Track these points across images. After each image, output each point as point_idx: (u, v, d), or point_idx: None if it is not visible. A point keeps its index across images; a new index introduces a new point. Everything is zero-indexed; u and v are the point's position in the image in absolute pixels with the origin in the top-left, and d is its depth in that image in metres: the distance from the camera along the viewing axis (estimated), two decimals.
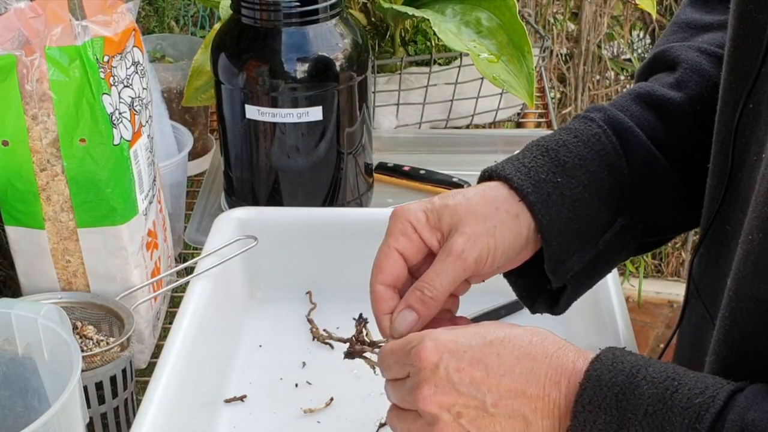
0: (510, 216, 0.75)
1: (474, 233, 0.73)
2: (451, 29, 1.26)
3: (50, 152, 0.91)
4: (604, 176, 0.77)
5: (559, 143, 0.78)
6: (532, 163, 0.77)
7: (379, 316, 0.75)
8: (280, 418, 0.94)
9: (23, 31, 0.89)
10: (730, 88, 0.71)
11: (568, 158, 0.77)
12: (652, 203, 0.80)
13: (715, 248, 0.75)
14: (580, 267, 0.78)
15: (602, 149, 0.78)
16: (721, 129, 0.73)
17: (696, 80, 0.81)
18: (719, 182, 0.73)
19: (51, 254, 0.96)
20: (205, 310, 0.96)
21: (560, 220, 0.75)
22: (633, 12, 2.63)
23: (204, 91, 1.29)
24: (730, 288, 0.65)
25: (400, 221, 0.76)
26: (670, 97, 0.81)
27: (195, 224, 1.23)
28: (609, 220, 0.78)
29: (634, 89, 0.83)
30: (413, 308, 0.74)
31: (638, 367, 0.63)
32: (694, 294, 0.80)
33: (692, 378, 0.62)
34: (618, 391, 0.62)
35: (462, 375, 0.65)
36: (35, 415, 0.78)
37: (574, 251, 0.77)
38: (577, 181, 0.76)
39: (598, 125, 0.79)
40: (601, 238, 0.78)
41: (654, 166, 0.79)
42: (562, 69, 2.59)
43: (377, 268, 0.76)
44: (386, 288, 0.75)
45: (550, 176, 0.76)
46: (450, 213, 0.75)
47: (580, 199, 0.76)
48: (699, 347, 0.77)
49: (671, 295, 2.59)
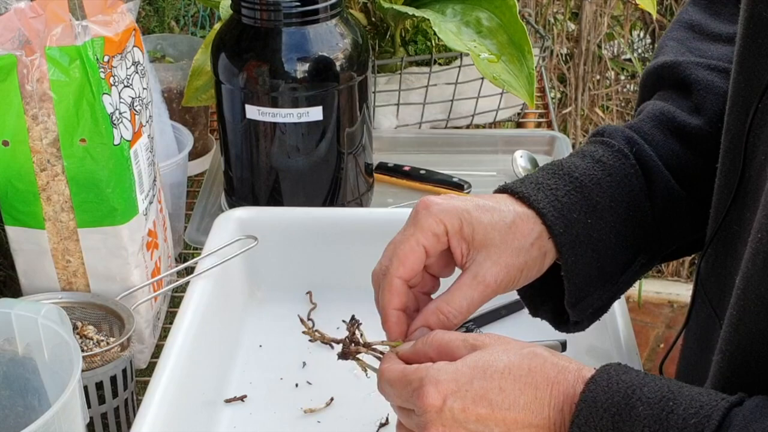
0: (540, 254, 0.75)
1: (508, 266, 0.73)
2: (451, 29, 1.26)
3: (50, 152, 0.91)
4: (629, 217, 0.77)
5: (593, 180, 0.77)
6: (566, 198, 0.76)
7: (387, 309, 0.74)
8: (280, 418, 0.94)
9: (23, 31, 0.89)
10: (740, 89, 0.70)
11: (600, 199, 0.77)
12: (672, 239, 0.80)
13: (722, 248, 0.75)
14: (600, 305, 0.79)
15: (631, 191, 0.78)
16: (729, 129, 0.72)
17: (711, 99, 0.81)
18: (728, 183, 0.72)
19: (51, 254, 0.96)
20: (206, 310, 0.96)
21: (584, 261, 0.76)
22: (633, 12, 2.63)
23: (204, 91, 1.29)
24: (738, 287, 0.65)
25: (435, 220, 0.74)
26: (691, 124, 0.81)
27: (195, 224, 1.23)
28: (630, 259, 0.79)
29: (655, 112, 0.82)
30: (431, 329, 0.73)
31: (633, 387, 0.63)
32: (701, 294, 0.80)
33: (687, 396, 0.62)
34: (614, 412, 0.62)
35: (468, 414, 0.65)
36: (35, 415, 0.78)
37: (595, 290, 0.77)
38: (605, 222, 0.76)
39: (631, 164, 0.78)
40: (621, 277, 0.79)
41: (675, 203, 0.79)
42: (562, 69, 2.59)
43: (399, 260, 0.74)
44: (403, 282, 0.74)
45: (582, 216, 0.76)
46: (484, 232, 0.74)
47: (605, 240, 0.76)
48: (706, 347, 0.77)
49: (671, 295, 2.59)
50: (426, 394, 0.66)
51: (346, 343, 0.77)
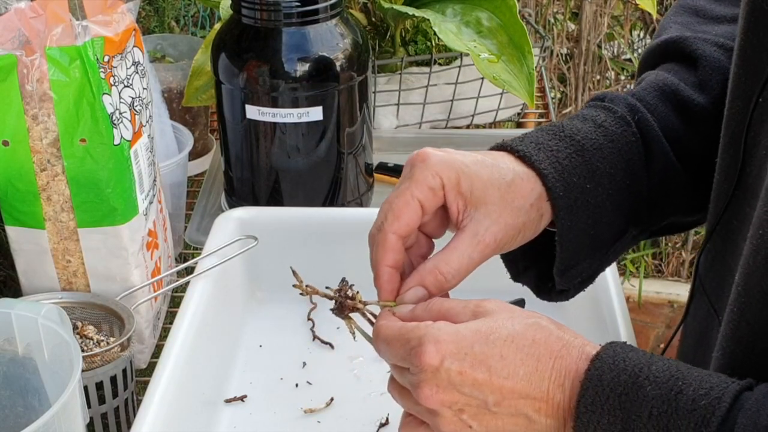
0: (537, 216, 0.73)
1: (507, 226, 0.71)
2: (451, 29, 1.26)
3: (50, 152, 0.91)
4: (626, 187, 0.76)
5: (594, 145, 0.75)
6: (567, 161, 0.74)
7: (380, 266, 0.71)
8: (280, 418, 0.94)
9: (23, 31, 0.89)
10: (741, 83, 0.70)
11: (600, 164, 0.75)
12: (663, 212, 0.79)
13: (721, 244, 0.74)
14: (588, 274, 0.77)
15: (631, 159, 0.76)
16: (729, 124, 0.72)
17: (718, 80, 0.79)
18: (727, 177, 0.72)
19: (51, 254, 0.96)
20: (206, 310, 0.96)
21: (578, 227, 0.74)
22: (633, 12, 2.63)
23: (204, 91, 1.29)
24: (738, 283, 0.64)
25: (431, 173, 0.71)
26: (695, 100, 0.79)
27: (195, 224, 1.23)
28: (622, 229, 0.77)
29: (659, 83, 0.80)
30: (428, 289, 0.70)
31: (641, 365, 0.62)
32: (700, 290, 0.79)
33: (696, 377, 0.61)
34: (621, 391, 0.61)
35: (464, 377, 0.63)
36: (35, 415, 0.78)
37: (585, 258, 0.76)
38: (603, 189, 0.75)
39: (633, 132, 0.77)
40: (612, 246, 0.77)
41: (671, 177, 0.78)
42: (562, 69, 2.59)
43: (394, 215, 0.70)
44: (398, 238, 0.71)
45: (581, 181, 0.74)
46: (483, 188, 0.71)
47: (602, 208, 0.75)
48: (704, 343, 0.77)
49: (671, 295, 2.59)
50: (424, 353, 0.63)
51: (340, 298, 0.73)
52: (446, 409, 0.64)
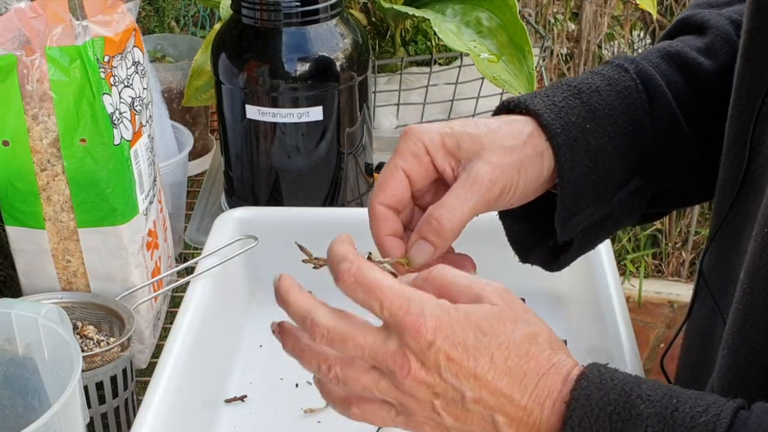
0: (536, 153, 0.71)
1: (502, 164, 0.69)
2: (451, 29, 1.26)
3: (51, 152, 0.91)
4: (628, 131, 0.74)
5: (591, 87, 0.75)
6: (563, 103, 0.73)
7: (379, 237, 0.70)
8: (280, 418, 0.94)
9: (23, 31, 0.89)
10: (746, 81, 0.70)
11: (599, 105, 0.74)
12: (668, 168, 0.77)
13: (725, 242, 0.74)
14: (590, 223, 0.75)
15: (632, 103, 0.75)
16: (734, 122, 0.71)
17: (725, 50, 0.78)
18: (732, 176, 0.71)
19: (51, 254, 0.96)
20: (206, 310, 0.96)
21: (580, 169, 0.72)
22: (633, 12, 2.63)
23: (204, 91, 1.29)
24: (743, 281, 0.64)
25: (413, 140, 0.70)
26: (699, 63, 0.78)
27: (195, 224, 1.23)
28: (625, 178, 0.75)
29: (663, 47, 0.80)
30: (428, 240, 0.68)
31: (630, 384, 0.60)
32: (703, 289, 0.78)
33: (690, 395, 0.59)
34: (611, 411, 0.59)
35: (450, 363, 0.61)
36: (35, 415, 0.78)
37: (588, 204, 0.74)
38: (604, 130, 0.73)
39: (632, 77, 0.76)
40: (615, 195, 0.75)
41: (675, 130, 0.76)
42: (562, 69, 2.59)
43: (379, 187, 0.70)
44: (386, 208, 0.70)
45: (580, 120, 0.72)
46: (471, 140, 0.70)
47: (603, 150, 0.73)
48: (708, 342, 0.76)
49: (671, 294, 2.60)
50: (422, 325, 0.61)
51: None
52: (424, 390, 0.62)
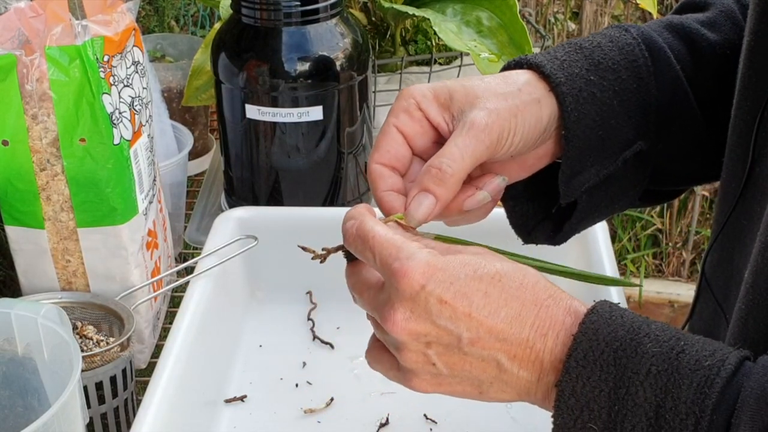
0: (532, 99, 0.69)
1: (497, 109, 0.67)
2: (451, 29, 1.26)
3: (50, 152, 0.91)
4: (633, 89, 0.74)
5: (593, 44, 0.74)
6: (566, 57, 0.72)
7: (379, 193, 0.68)
8: (280, 418, 0.94)
9: (23, 31, 0.89)
10: (750, 82, 0.69)
11: (602, 59, 0.73)
12: (673, 134, 0.76)
13: (729, 243, 0.73)
14: (595, 183, 0.74)
15: (635, 60, 0.74)
16: (738, 123, 0.71)
17: (728, 25, 0.78)
18: (735, 176, 0.71)
19: (51, 254, 0.96)
20: (205, 310, 0.96)
21: (587, 121, 0.71)
22: (633, 12, 2.63)
23: (204, 90, 1.29)
24: (747, 281, 0.64)
25: (404, 98, 0.70)
26: (702, 34, 0.77)
27: (195, 224, 1.23)
28: (631, 139, 0.74)
29: (666, 19, 0.79)
30: (429, 190, 0.66)
31: (639, 323, 0.59)
32: (706, 289, 0.78)
33: (698, 340, 0.58)
34: (618, 347, 0.58)
35: (443, 307, 0.60)
36: (35, 415, 0.78)
37: (593, 162, 0.72)
38: (609, 84, 0.72)
39: (633, 37, 0.75)
40: (621, 155, 0.74)
41: (680, 94, 0.76)
42: None
43: (375, 148, 0.69)
44: (382, 166, 0.69)
45: (584, 72, 0.71)
46: (464, 92, 0.69)
47: (609, 105, 0.72)
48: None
49: (672, 294, 2.59)
50: (411, 268, 0.60)
51: None
52: (413, 341, 0.61)
